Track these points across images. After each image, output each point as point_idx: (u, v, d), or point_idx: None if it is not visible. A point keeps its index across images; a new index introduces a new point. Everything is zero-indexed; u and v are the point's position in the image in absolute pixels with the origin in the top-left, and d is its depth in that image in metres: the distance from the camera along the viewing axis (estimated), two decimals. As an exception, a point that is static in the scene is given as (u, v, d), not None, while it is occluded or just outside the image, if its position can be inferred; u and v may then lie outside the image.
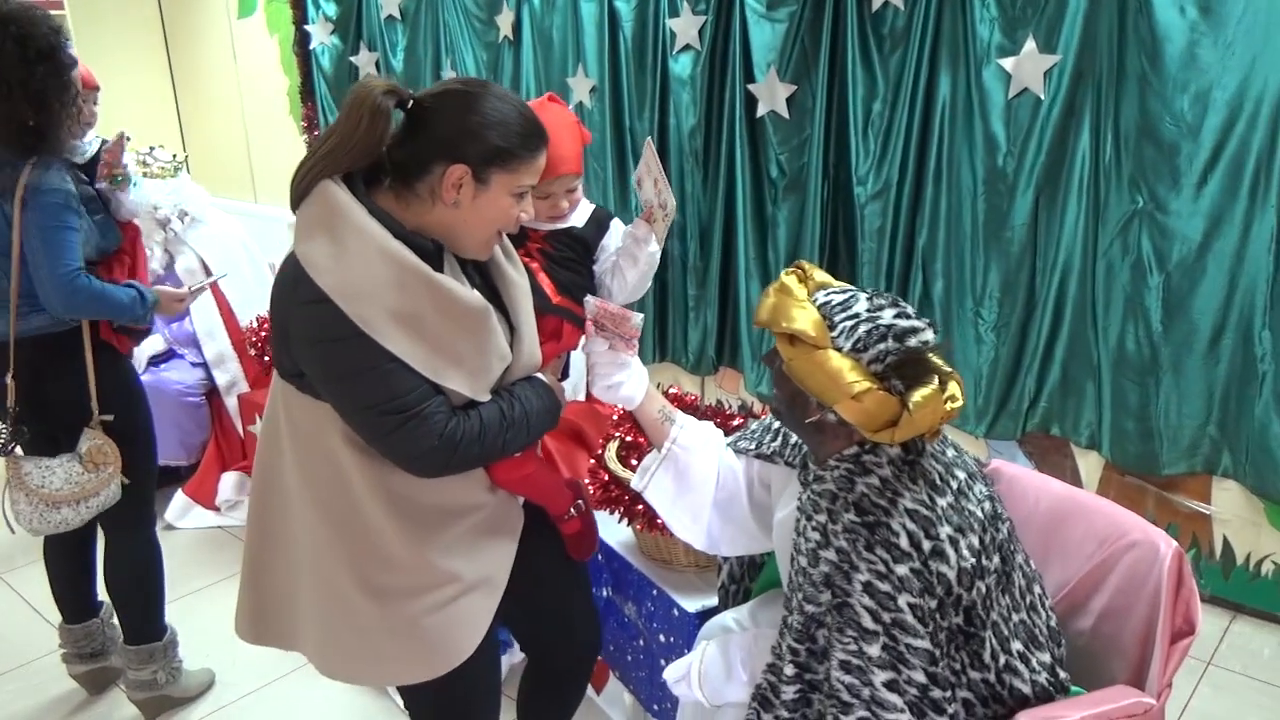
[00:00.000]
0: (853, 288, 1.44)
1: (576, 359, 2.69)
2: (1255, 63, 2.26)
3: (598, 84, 3.57)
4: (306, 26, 4.70)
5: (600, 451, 2.21)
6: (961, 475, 1.43)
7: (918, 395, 1.31)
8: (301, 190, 1.38)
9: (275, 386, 1.51)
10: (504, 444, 1.48)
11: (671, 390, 2.25)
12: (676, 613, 2.01)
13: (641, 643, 2.18)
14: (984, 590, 1.37)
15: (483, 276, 1.55)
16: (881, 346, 1.33)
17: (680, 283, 3.57)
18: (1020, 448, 2.94)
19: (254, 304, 3.42)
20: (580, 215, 1.80)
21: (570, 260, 1.74)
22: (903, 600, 1.31)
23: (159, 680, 2.45)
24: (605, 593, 2.30)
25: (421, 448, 1.39)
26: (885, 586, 1.32)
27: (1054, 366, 2.77)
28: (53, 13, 4.81)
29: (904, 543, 1.33)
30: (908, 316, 1.37)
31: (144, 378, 3.23)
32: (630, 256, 1.76)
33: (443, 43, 4.14)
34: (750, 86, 3.14)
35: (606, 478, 2.12)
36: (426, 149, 1.38)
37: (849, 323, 1.36)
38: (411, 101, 1.40)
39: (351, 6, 4.47)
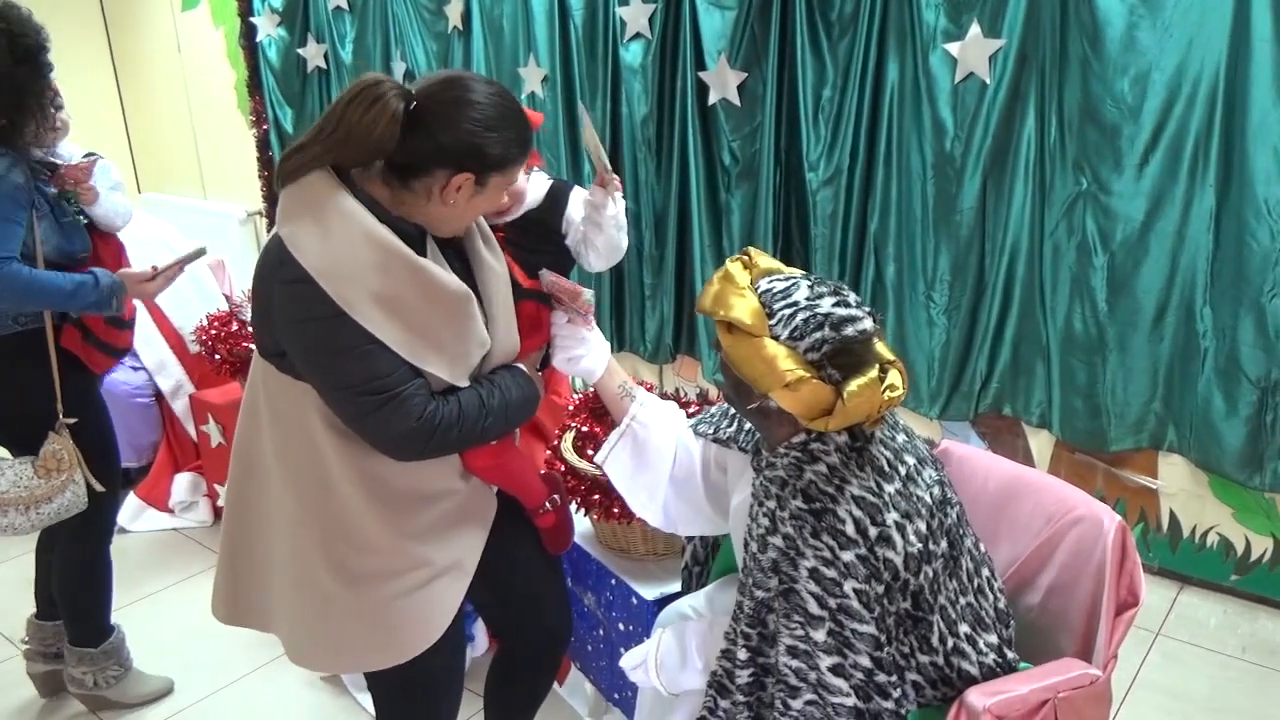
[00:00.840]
0: (799, 274, 1.45)
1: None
2: (1192, 45, 2.31)
3: (549, 73, 3.55)
4: (252, 19, 4.62)
5: (556, 442, 2.21)
6: (910, 461, 1.44)
7: (853, 384, 1.32)
8: (291, 173, 1.36)
9: (255, 367, 1.51)
10: (482, 430, 1.49)
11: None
12: (635, 601, 2.02)
13: (601, 632, 2.18)
14: (931, 575, 1.38)
15: (463, 263, 1.56)
16: (817, 335, 1.34)
17: (636, 272, 3.57)
18: (973, 428, 2.98)
19: (187, 304, 3.32)
20: (537, 194, 1.77)
21: (536, 244, 1.72)
22: (848, 586, 1.33)
23: (89, 682, 2.42)
24: (566, 583, 2.30)
25: (399, 430, 1.40)
26: (831, 573, 1.34)
27: (1004, 347, 2.81)
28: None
29: (850, 529, 1.34)
30: (847, 305, 1.38)
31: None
32: (594, 225, 1.76)
33: (392, 34, 4.09)
34: (701, 74, 3.14)
35: (563, 469, 2.12)
36: (429, 155, 1.37)
37: (787, 310, 1.37)
38: (414, 103, 1.37)
39: (298, -3, 4.41)
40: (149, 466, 3.39)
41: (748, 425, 1.62)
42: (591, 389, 2.29)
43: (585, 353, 1.67)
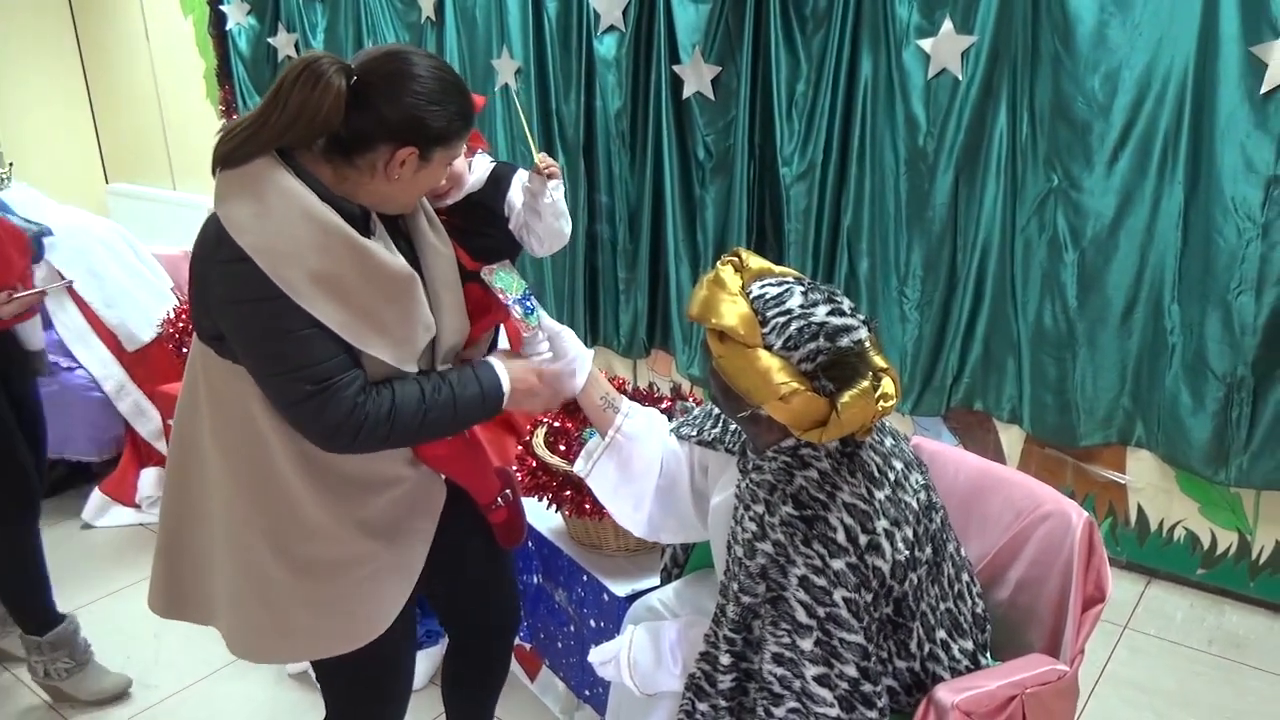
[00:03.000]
0: (791, 277, 1.41)
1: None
2: (1161, 42, 2.32)
3: (523, 65, 3.53)
4: (222, 7, 4.56)
5: (528, 437, 2.19)
6: (899, 465, 1.43)
7: (846, 397, 1.29)
8: (233, 158, 1.32)
9: (194, 351, 1.48)
10: (422, 425, 1.43)
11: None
12: (606, 598, 2.01)
13: (572, 628, 2.17)
14: (915, 581, 1.37)
15: (408, 245, 1.53)
16: (812, 346, 1.31)
17: (610, 266, 3.56)
18: (945, 423, 2.99)
19: (129, 299, 3.25)
20: (478, 176, 1.74)
21: (478, 228, 1.70)
22: (838, 595, 1.31)
23: (40, 672, 2.42)
24: (535, 579, 2.29)
25: (329, 421, 1.36)
26: (821, 581, 1.32)
27: (976, 343, 2.82)
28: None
29: (841, 538, 1.32)
30: (842, 313, 1.34)
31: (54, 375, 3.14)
32: (532, 211, 1.73)
33: (364, 23, 4.05)
34: (676, 68, 3.13)
35: (534, 464, 2.11)
36: (372, 130, 1.34)
37: (781, 319, 1.33)
38: (355, 78, 1.35)
39: (268, -14, 4.35)
40: (114, 461, 3.33)
41: (734, 426, 1.61)
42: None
43: (546, 352, 1.62)
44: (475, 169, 1.77)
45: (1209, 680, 2.37)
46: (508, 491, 1.74)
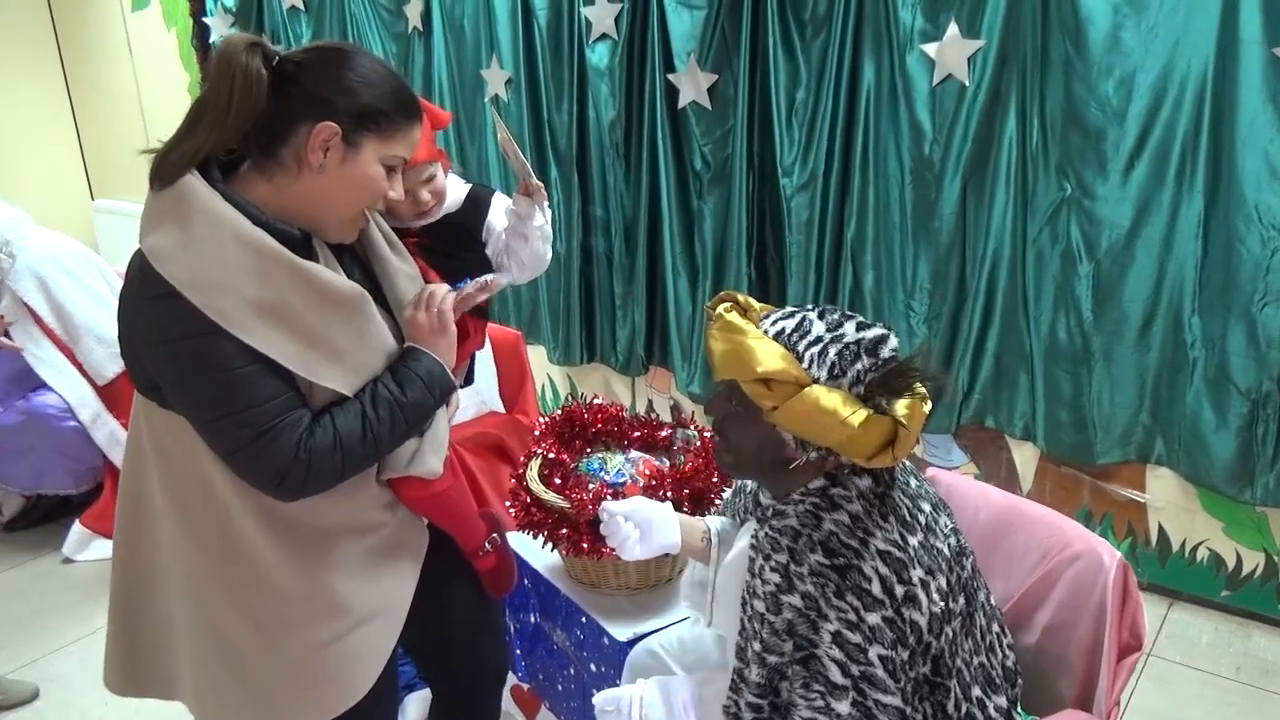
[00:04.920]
0: (793, 307, 1.32)
1: (483, 362, 2.57)
2: (1178, 45, 2.22)
3: (513, 75, 3.42)
4: (205, 19, 4.47)
5: (522, 470, 2.09)
6: (927, 508, 1.32)
7: (901, 408, 1.20)
8: (167, 175, 1.22)
9: (136, 405, 1.36)
10: (374, 444, 1.31)
11: (597, 400, 2.13)
12: (607, 641, 1.90)
13: (572, 671, 2.07)
14: (950, 635, 1.27)
15: (363, 270, 1.42)
16: (858, 366, 1.22)
17: (607, 281, 3.45)
18: (955, 441, 2.89)
19: (92, 335, 3.08)
20: (456, 198, 1.66)
21: (451, 248, 1.61)
22: (874, 653, 1.20)
23: None
24: (533, 618, 2.19)
25: (275, 468, 1.24)
26: (856, 637, 1.20)
27: (986, 358, 2.72)
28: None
29: (876, 589, 1.21)
30: (867, 326, 1.26)
31: (18, 404, 3.03)
32: (518, 235, 1.66)
33: (350, 34, 3.94)
34: (670, 76, 3.03)
35: (528, 499, 2.00)
36: (293, 109, 1.24)
37: (814, 349, 1.23)
38: (277, 59, 1.26)
39: (251, -3, 4.25)
40: (95, 492, 3.22)
41: (743, 487, 1.52)
42: (560, 412, 2.18)
43: (658, 528, 1.53)
44: (450, 189, 1.68)
45: (1239, 710, 2.27)
46: (495, 536, 1.64)
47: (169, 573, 1.37)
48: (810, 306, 1.31)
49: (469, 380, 1.67)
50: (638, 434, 2.13)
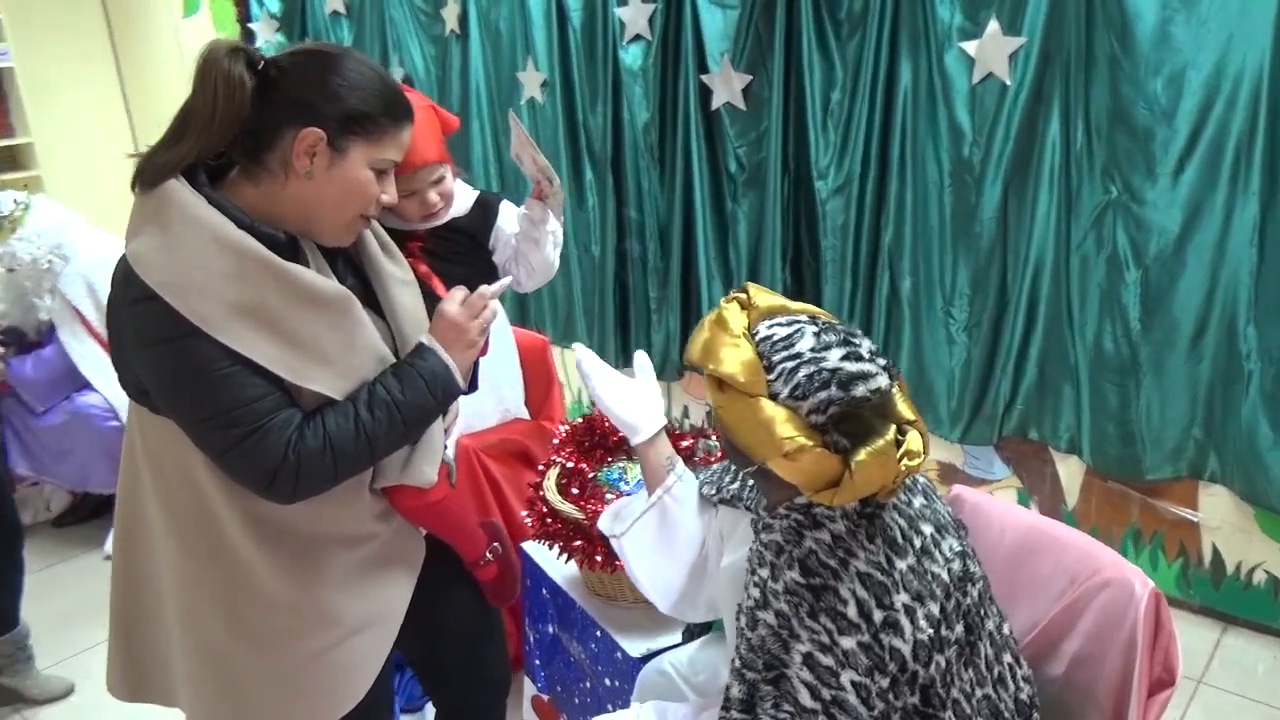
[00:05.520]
0: (805, 316, 1.26)
1: (509, 368, 2.53)
2: (1232, 40, 2.10)
3: (548, 78, 3.40)
4: (250, 24, 4.52)
5: (539, 479, 2.05)
6: (928, 530, 1.25)
7: (862, 454, 1.13)
8: (147, 171, 1.21)
9: (130, 411, 1.35)
10: (368, 447, 1.28)
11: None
12: (620, 656, 1.85)
13: (588, 684, 2.03)
14: (943, 665, 1.20)
15: (357, 274, 1.39)
16: (823, 395, 1.16)
17: (641, 285, 3.41)
18: (997, 453, 2.79)
19: None
20: (463, 204, 1.64)
21: (457, 254, 1.58)
22: (846, 678, 1.15)
23: None
24: (551, 629, 2.15)
25: (264, 468, 1.22)
26: (828, 660, 1.15)
27: (1029, 367, 2.61)
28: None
29: (852, 612, 1.16)
30: (858, 358, 1.18)
31: (63, 404, 3.09)
32: (530, 240, 1.62)
33: (389, 38, 3.96)
34: (704, 77, 2.97)
35: (544, 509, 1.96)
36: (278, 114, 1.22)
37: (789, 364, 1.18)
38: (262, 63, 1.24)
39: (296, 3, 4.29)
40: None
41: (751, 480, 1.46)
42: (581, 419, 2.13)
43: (633, 399, 1.47)
44: (458, 195, 1.66)
45: (1296, 744, 2.15)
46: (496, 545, 1.60)
47: (162, 579, 1.36)
48: (822, 321, 1.25)
49: (473, 386, 1.63)
50: (686, 444, 2.08)
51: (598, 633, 1.93)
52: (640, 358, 1.58)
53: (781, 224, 2.93)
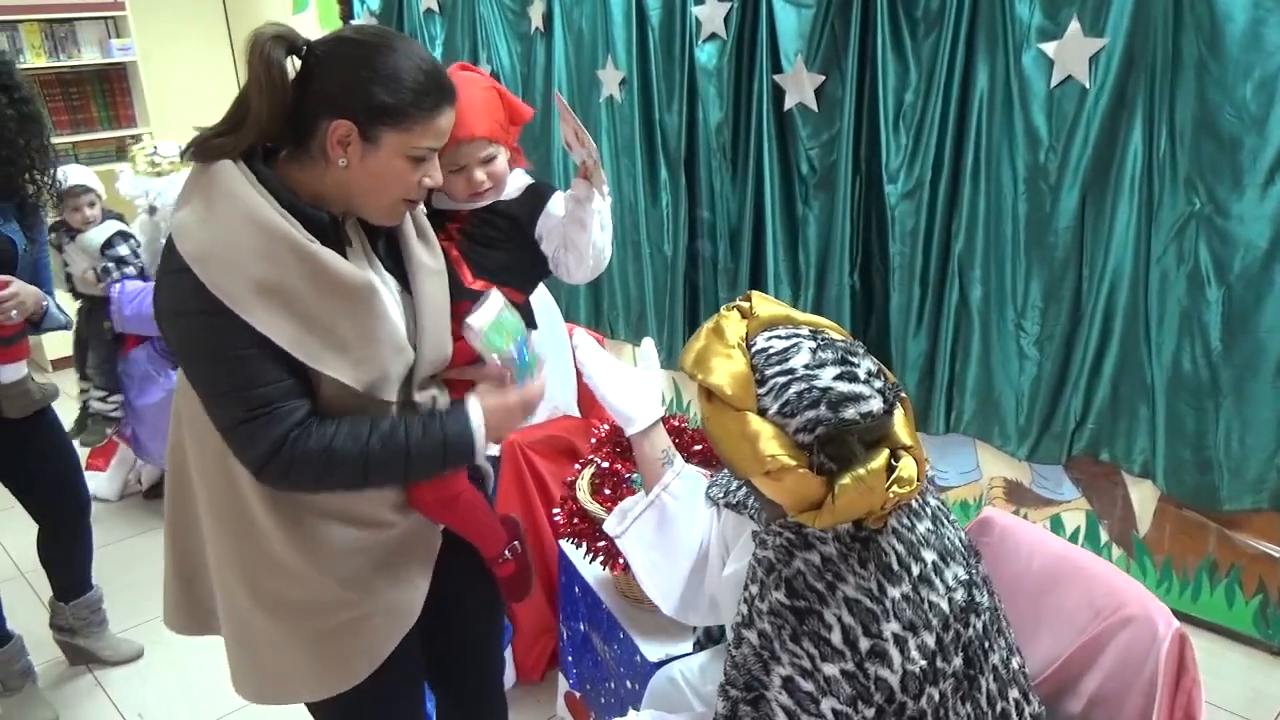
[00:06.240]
0: (806, 329, 1.22)
1: (562, 366, 2.53)
2: (1332, 43, 1.95)
3: (627, 76, 3.40)
4: (353, 20, 4.66)
5: (573, 479, 2.06)
6: (929, 557, 1.20)
7: (846, 478, 1.10)
8: (202, 150, 1.26)
9: (178, 376, 1.41)
10: (366, 470, 1.30)
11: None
12: (639, 659, 1.85)
13: (612, 685, 2.03)
14: (936, 698, 1.15)
15: (395, 258, 1.42)
16: (811, 415, 1.12)
17: (712, 285, 3.38)
18: (1066, 473, 2.66)
19: None
20: (513, 189, 1.61)
21: (495, 239, 1.55)
22: (826, 706, 1.12)
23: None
24: (582, 627, 2.16)
25: (258, 452, 1.25)
26: (808, 686, 1.12)
27: (1102, 385, 2.48)
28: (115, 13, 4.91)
29: (837, 638, 1.13)
30: (853, 379, 1.14)
31: (160, 381, 3.24)
32: (577, 222, 1.57)
33: (479, 35, 4.03)
34: (776, 77, 2.92)
35: (575, 507, 1.98)
36: (313, 103, 1.25)
37: (780, 379, 1.15)
38: (305, 49, 1.27)
39: (394, 1, 4.41)
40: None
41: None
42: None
43: (630, 389, 1.46)
44: (512, 180, 1.64)
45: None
46: (516, 543, 1.61)
47: (203, 531, 1.42)
48: (822, 336, 1.21)
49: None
50: (698, 447, 2.07)
51: (621, 634, 1.93)
52: (646, 345, 1.56)
53: (851, 229, 2.86)
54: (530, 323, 1.58)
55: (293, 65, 1.26)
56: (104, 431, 3.29)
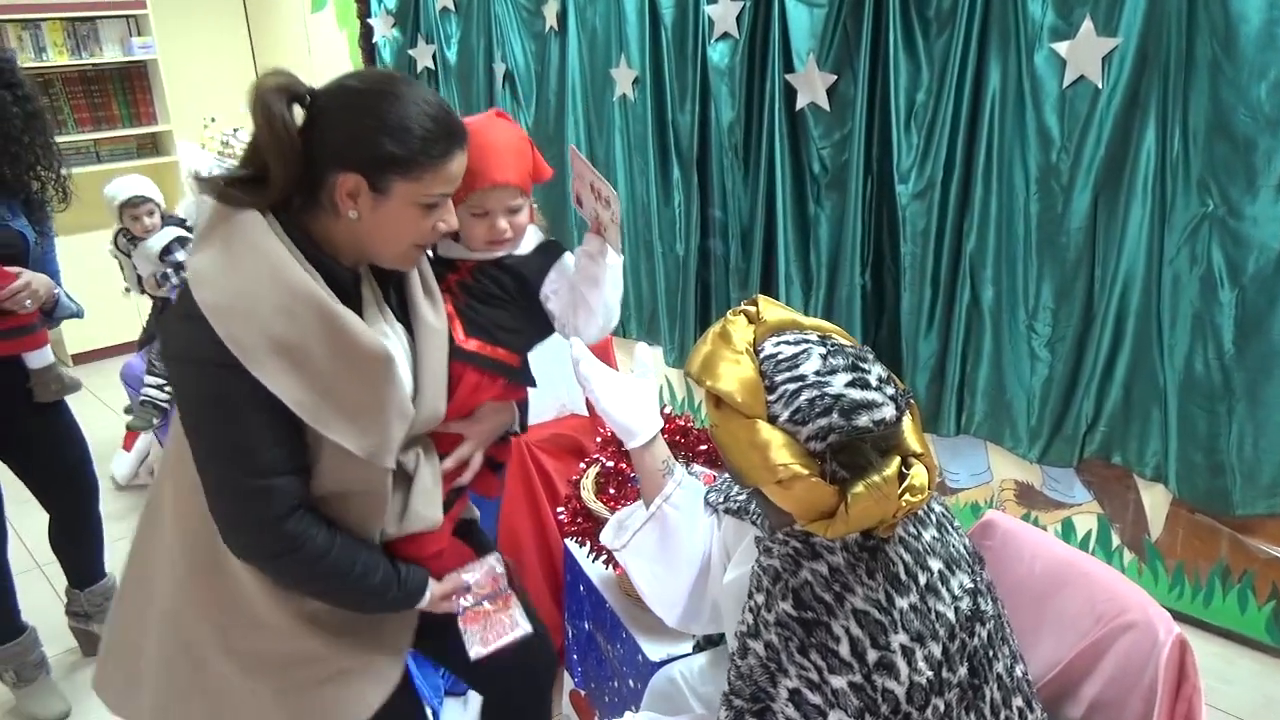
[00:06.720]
0: (815, 335, 1.20)
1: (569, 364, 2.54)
2: (1348, 43, 1.93)
3: (640, 75, 3.40)
4: (370, 20, 4.69)
5: (578, 478, 2.07)
6: (935, 566, 1.19)
7: (859, 487, 1.08)
8: (233, 201, 1.23)
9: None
10: (337, 588, 1.33)
11: (666, 410, 2.07)
12: (641, 659, 1.85)
13: (616, 684, 2.03)
14: (941, 708, 1.14)
15: (402, 307, 1.39)
16: (823, 422, 1.10)
17: (723, 284, 3.38)
18: (1078, 476, 2.64)
19: None
20: (525, 246, 1.54)
21: (495, 297, 1.48)
22: (833, 718, 1.11)
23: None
24: (587, 626, 2.16)
25: (256, 518, 1.23)
26: (815, 699, 1.11)
27: (1114, 388, 2.46)
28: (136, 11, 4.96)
29: (845, 651, 1.12)
30: (865, 385, 1.12)
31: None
32: (590, 280, 1.49)
33: (493, 34, 4.04)
34: (789, 77, 2.91)
35: (579, 505, 1.98)
36: (319, 155, 1.23)
37: (790, 386, 1.13)
38: (310, 99, 1.26)
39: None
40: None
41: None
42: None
43: (631, 402, 1.44)
44: (527, 236, 1.56)
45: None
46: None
47: (160, 577, 1.38)
48: (832, 342, 1.20)
49: (523, 427, 1.64)
50: (704, 447, 2.07)
51: (624, 633, 1.94)
52: (642, 352, 1.53)
53: (862, 228, 2.84)
54: (529, 381, 1.56)
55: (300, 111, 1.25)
56: (151, 419, 3.45)
